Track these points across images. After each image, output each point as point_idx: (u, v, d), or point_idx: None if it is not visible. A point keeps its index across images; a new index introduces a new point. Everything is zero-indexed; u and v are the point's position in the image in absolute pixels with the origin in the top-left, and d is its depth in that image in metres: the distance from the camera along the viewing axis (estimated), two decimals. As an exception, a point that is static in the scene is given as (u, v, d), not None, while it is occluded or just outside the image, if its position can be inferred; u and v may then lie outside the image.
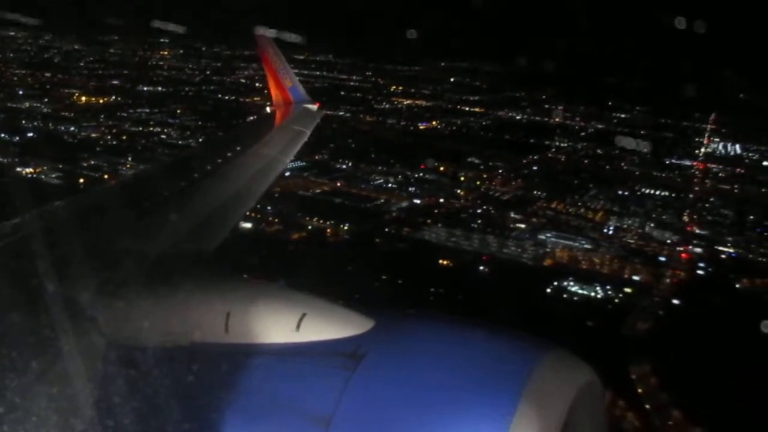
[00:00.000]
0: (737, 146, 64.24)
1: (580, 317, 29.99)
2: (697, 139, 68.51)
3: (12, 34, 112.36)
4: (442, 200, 48.21)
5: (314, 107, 11.03)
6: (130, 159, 58.29)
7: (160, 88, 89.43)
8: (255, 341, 2.19)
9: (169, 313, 2.42)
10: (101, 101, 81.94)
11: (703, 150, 63.89)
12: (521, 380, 1.79)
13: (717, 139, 68.05)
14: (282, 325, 2.19)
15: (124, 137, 66.35)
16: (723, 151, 63.49)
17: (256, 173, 6.70)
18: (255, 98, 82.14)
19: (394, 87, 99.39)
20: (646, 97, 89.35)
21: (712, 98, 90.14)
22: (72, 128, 68.14)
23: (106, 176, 52.15)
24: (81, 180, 50.87)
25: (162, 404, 2.08)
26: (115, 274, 2.89)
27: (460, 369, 1.89)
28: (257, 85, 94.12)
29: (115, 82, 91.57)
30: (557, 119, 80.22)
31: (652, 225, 42.42)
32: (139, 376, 2.17)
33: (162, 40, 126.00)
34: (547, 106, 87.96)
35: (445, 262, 36.36)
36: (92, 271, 2.83)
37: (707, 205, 47.23)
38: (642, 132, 71.56)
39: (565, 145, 66.23)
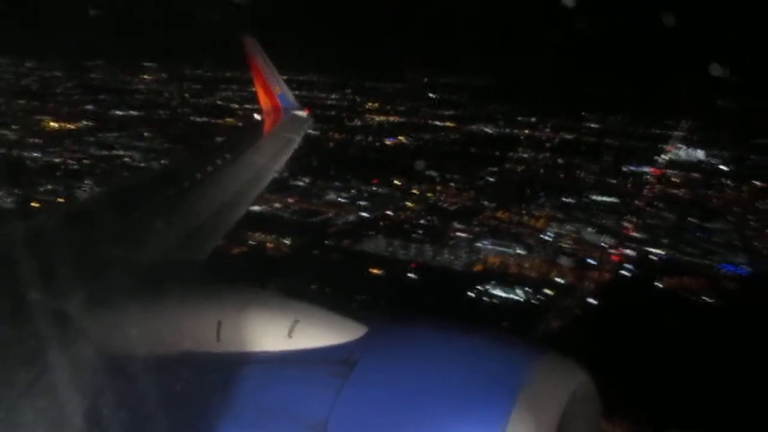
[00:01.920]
0: (700, 152, 66.47)
1: (496, 318, 32.12)
2: (661, 146, 70.81)
3: None
4: (390, 213, 50.52)
5: (304, 114, 11.24)
6: (87, 182, 60.97)
7: (133, 112, 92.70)
8: (247, 349, 2.24)
9: (160, 321, 2.49)
10: (71, 126, 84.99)
11: (664, 157, 66.17)
12: (516, 384, 1.85)
13: (681, 146, 70.35)
14: (274, 332, 2.25)
15: (87, 161, 69.12)
16: (684, 157, 65.75)
17: (247, 181, 6.92)
18: (227, 119, 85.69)
19: (370, 104, 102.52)
20: (624, 105, 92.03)
21: (691, 104, 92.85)
22: (35, 154, 70.98)
23: (60, 200, 54.86)
24: (34, 204, 53.56)
25: (154, 414, 2.13)
26: (106, 283, 2.97)
27: (454, 374, 1.94)
28: (233, 106, 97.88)
29: (89, 107, 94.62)
30: (526, 131, 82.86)
31: (590, 230, 44.56)
32: (131, 385, 2.22)
33: (147, 64, 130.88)
34: (519, 118, 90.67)
35: (375, 271, 38.62)
36: (82, 280, 2.88)
37: (650, 209, 49.41)
38: (607, 141, 74.19)
39: (527, 156, 68.71)
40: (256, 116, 11.81)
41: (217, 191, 6.31)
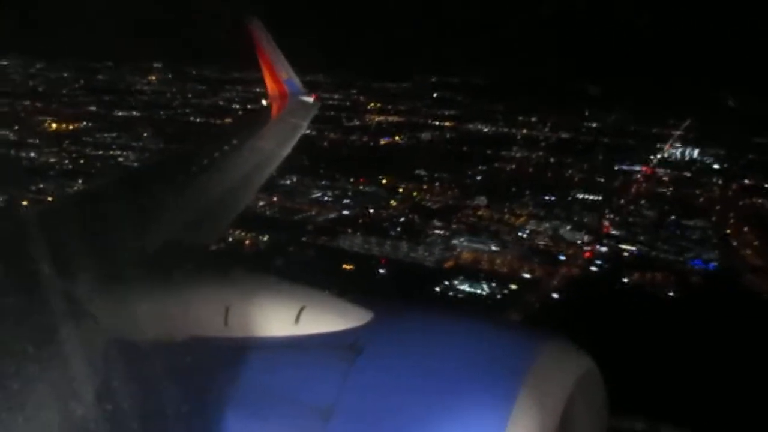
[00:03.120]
0: (695, 151, 67.20)
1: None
2: (658, 145, 71.59)
3: (4, 62, 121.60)
4: (372, 211, 52.09)
5: (310, 100, 11.32)
6: (80, 182, 63.41)
7: (134, 113, 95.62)
8: (254, 335, 2.30)
9: (168, 308, 2.50)
10: (71, 127, 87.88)
11: (659, 156, 66.98)
12: (521, 369, 1.89)
13: (678, 145, 71.08)
14: (281, 318, 2.30)
15: (82, 161, 71.64)
16: (678, 157, 66.54)
17: (253, 167, 7.03)
18: (226, 119, 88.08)
19: (372, 104, 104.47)
20: (628, 104, 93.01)
21: (696, 104, 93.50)
22: (32, 154, 73.74)
23: (50, 198, 57.27)
24: (24, 202, 56.06)
25: (163, 399, 2.19)
26: (114, 270, 2.98)
27: (460, 359, 2.00)
28: (234, 106, 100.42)
29: (92, 108, 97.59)
30: (524, 130, 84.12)
31: (569, 227, 45.74)
32: (140, 371, 2.28)
33: (155, 64, 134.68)
34: (521, 117, 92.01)
35: (347, 267, 40.22)
36: (91, 267, 2.91)
37: (633, 207, 50.41)
38: (605, 140, 75.25)
39: (519, 155, 69.92)
40: (264, 102, 12.01)
41: (224, 177, 6.32)
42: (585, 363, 1.99)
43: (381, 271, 40.24)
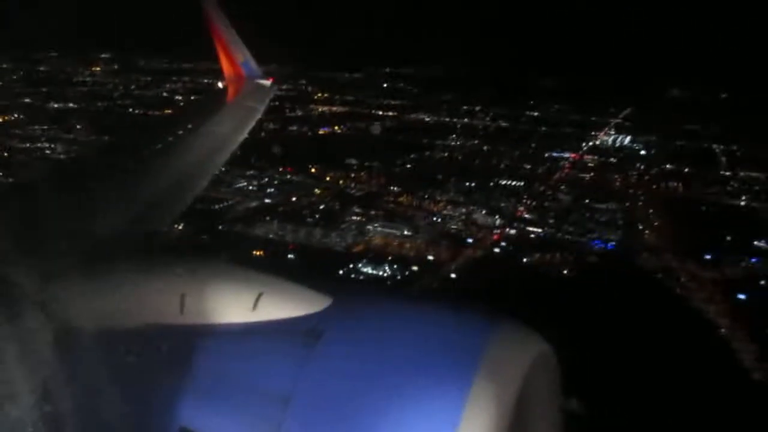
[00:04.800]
0: (627, 139, 70.10)
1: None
2: (593, 133, 74.38)
3: None
4: (294, 199, 53.61)
5: (267, 82, 11.29)
6: (1, 174, 63.62)
7: (71, 104, 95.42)
8: (211, 321, 2.34)
9: (121, 294, 2.54)
10: (1, 119, 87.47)
11: (590, 143, 69.73)
12: (477, 352, 1.94)
13: (612, 133, 73.98)
14: (238, 304, 2.33)
15: (6, 153, 71.73)
16: (609, 144, 69.37)
17: (208, 152, 7.00)
18: (166, 111, 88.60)
19: (319, 95, 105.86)
20: (573, 95, 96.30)
21: (637, 93, 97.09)
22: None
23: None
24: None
25: (116, 389, 2.21)
26: (63, 257, 2.97)
27: (417, 343, 2.03)
28: (177, 98, 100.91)
29: (27, 100, 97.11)
30: (465, 120, 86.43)
31: (484, 212, 47.89)
32: (90, 359, 2.29)
33: (103, 55, 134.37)
34: (464, 107, 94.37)
35: (257, 253, 41.70)
36: (39, 253, 2.93)
37: (551, 192, 52.85)
38: (543, 129, 77.95)
39: (454, 144, 72.06)
40: (219, 84, 11.91)
41: (177, 162, 6.31)
42: (539, 345, 2.07)
43: (290, 256, 41.79)
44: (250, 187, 58.41)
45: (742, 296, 35.51)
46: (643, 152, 65.10)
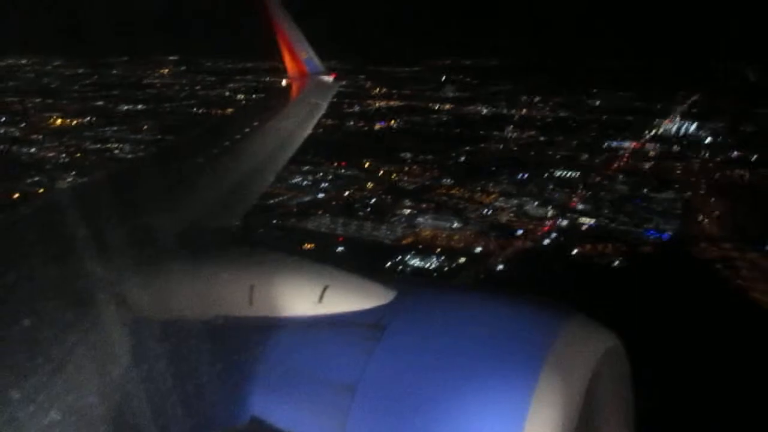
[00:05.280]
0: (693, 126, 67.89)
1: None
2: (656, 121, 72.39)
3: (23, 61, 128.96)
4: (347, 193, 54.76)
5: (330, 79, 11.66)
6: (73, 174, 67.53)
7: (140, 106, 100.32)
8: (279, 314, 2.43)
9: (193, 287, 2.65)
10: (74, 122, 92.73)
11: (653, 131, 67.89)
12: (543, 347, 1.95)
13: (677, 120, 71.76)
14: (305, 297, 2.41)
15: (78, 155, 76.14)
16: (673, 132, 67.33)
17: (274, 148, 7.26)
18: (228, 110, 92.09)
19: (377, 89, 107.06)
20: (637, 81, 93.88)
21: (702, 79, 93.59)
22: (32, 149, 78.65)
23: (41, 191, 61.34)
24: (16, 195, 60.22)
25: (190, 378, 2.30)
26: (140, 250, 3.11)
27: (482, 337, 2.07)
28: (239, 96, 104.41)
29: (99, 103, 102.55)
30: (523, 110, 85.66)
31: (536, 203, 47.66)
32: (166, 350, 2.40)
33: (171, 57, 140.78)
34: (524, 98, 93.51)
35: (307, 246, 42.99)
36: (117, 247, 3.07)
37: (607, 182, 51.91)
38: (604, 117, 76.39)
39: (510, 135, 71.62)
40: (284, 82, 12.19)
41: (245, 158, 6.55)
42: (608, 339, 2.05)
43: (339, 249, 42.85)
44: (304, 183, 59.88)
45: (804, 287, 34.15)
46: (709, 139, 62.84)
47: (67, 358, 2.31)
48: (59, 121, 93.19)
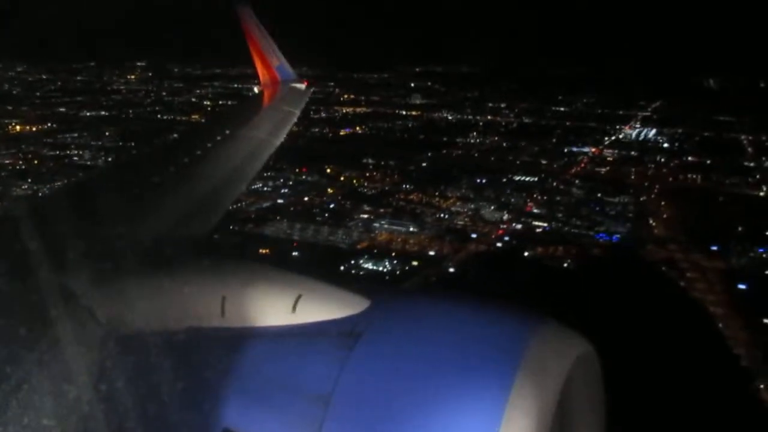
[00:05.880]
0: (652, 132, 69.69)
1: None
2: (617, 127, 74.11)
3: None
4: (306, 199, 55.23)
5: (302, 86, 11.61)
6: (29, 181, 66.97)
7: (103, 112, 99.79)
8: (251, 324, 2.42)
9: (164, 298, 2.63)
10: (35, 129, 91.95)
11: (614, 137, 69.57)
12: (517, 353, 1.97)
13: (637, 126, 73.58)
14: (278, 306, 2.40)
15: (36, 161, 75.56)
16: (633, 137, 69.08)
17: (246, 156, 7.25)
18: (193, 116, 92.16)
19: (346, 96, 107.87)
20: (602, 89, 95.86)
21: (668, 85, 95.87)
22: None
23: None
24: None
25: (160, 390, 2.28)
26: (109, 261, 3.07)
27: (457, 344, 2.08)
28: (205, 103, 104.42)
29: (61, 109, 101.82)
30: (488, 117, 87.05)
31: (493, 208, 48.63)
32: (137, 362, 2.38)
33: (139, 63, 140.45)
34: (491, 104, 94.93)
35: (263, 251, 43.35)
36: (85, 258, 3.03)
37: (564, 187, 53.16)
38: (568, 123, 77.95)
39: (473, 141, 72.82)
40: (255, 89, 12.05)
41: (216, 167, 6.51)
42: (582, 345, 2.08)
43: (294, 254, 43.31)
44: (264, 189, 60.24)
45: (742, 286, 35.41)
46: (666, 145, 64.71)
47: (34, 371, 2.28)
48: (18, 127, 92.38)
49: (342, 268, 40.04)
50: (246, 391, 2.25)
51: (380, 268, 40.24)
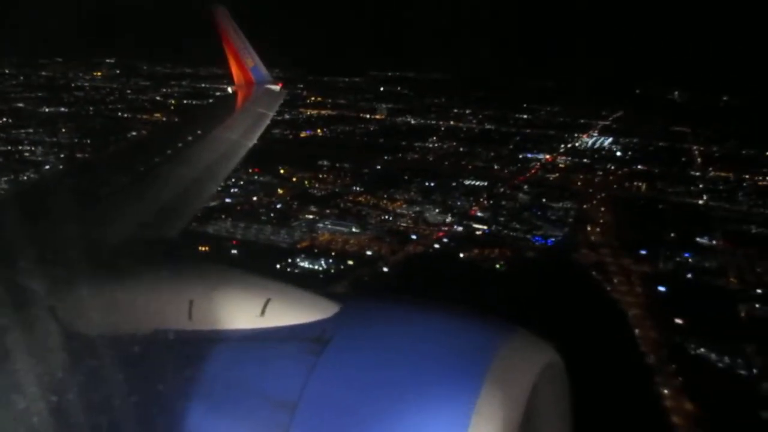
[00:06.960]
0: (608, 141, 71.69)
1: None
2: (575, 135, 76.07)
3: None
4: (255, 198, 56.17)
5: (277, 88, 11.66)
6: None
7: (62, 109, 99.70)
8: (219, 327, 2.42)
9: (131, 301, 2.61)
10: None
11: (569, 145, 71.47)
12: (485, 361, 2.01)
13: (595, 135, 75.62)
14: (247, 310, 2.41)
15: (-11, 158, 75.50)
16: (588, 146, 71.04)
17: (218, 157, 7.22)
18: (155, 115, 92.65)
19: (313, 98, 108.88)
20: (567, 98, 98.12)
21: (635, 98, 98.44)
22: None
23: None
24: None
25: (125, 393, 2.28)
26: (75, 262, 3.03)
27: (425, 351, 2.11)
28: (170, 101, 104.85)
29: (20, 104, 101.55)
30: (450, 122, 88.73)
31: (437, 211, 50.02)
32: (102, 365, 2.38)
33: (107, 60, 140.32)
34: (455, 110, 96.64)
35: (203, 249, 44.23)
36: (50, 259, 3.01)
37: (510, 192, 54.77)
38: (528, 131, 79.83)
39: (431, 146, 74.32)
40: (229, 89, 12.16)
41: (187, 168, 6.45)
42: (548, 354, 2.12)
43: (233, 252, 44.26)
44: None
45: (662, 288, 37.14)
46: (619, 153, 66.73)
47: None
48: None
49: (277, 266, 41.06)
50: (211, 396, 2.26)
51: (315, 267, 41.34)
